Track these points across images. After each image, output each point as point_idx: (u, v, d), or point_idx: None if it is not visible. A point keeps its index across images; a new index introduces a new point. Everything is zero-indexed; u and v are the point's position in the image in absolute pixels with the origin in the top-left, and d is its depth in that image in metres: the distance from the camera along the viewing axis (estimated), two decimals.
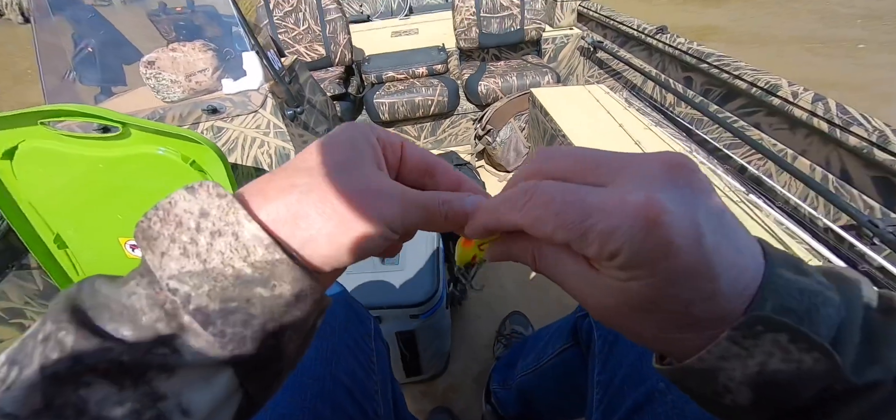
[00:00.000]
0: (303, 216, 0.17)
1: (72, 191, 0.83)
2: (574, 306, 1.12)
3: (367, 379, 0.43)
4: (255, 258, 0.16)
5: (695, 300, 0.16)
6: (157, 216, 0.16)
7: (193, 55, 0.89)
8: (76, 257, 0.94)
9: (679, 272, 0.15)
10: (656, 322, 0.17)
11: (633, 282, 0.16)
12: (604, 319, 0.19)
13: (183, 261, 0.16)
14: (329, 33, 1.82)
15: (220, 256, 0.16)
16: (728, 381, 0.16)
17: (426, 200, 0.20)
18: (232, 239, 0.16)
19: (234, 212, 0.16)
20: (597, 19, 1.83)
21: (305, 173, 0.18)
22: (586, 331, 0.49)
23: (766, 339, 0.15)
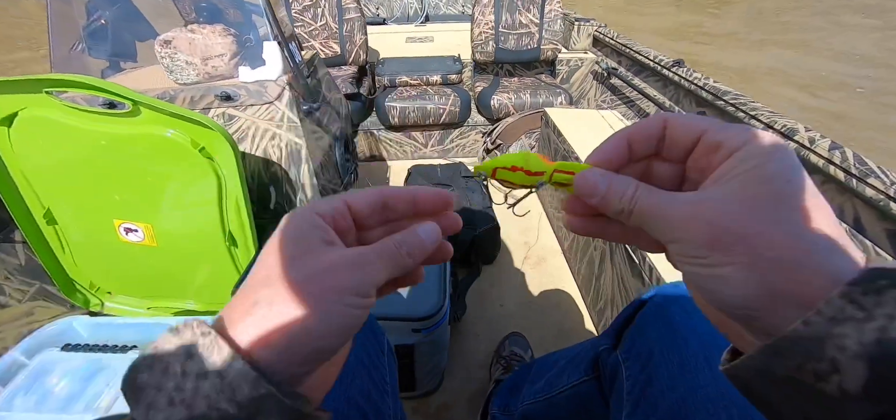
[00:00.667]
0: (271, 328, 0.17)
1: (70, 166, 0.80)
2: (577, 335, 1.10)
3: (381, 400, 0.40)
4: (241, 396, 0.16)
5: (820, 203, 0.16)
6: (145, 363, 0.16)
7: (212, 39, 0.86)
8: (65, 235, 0.90)
9: (803, 170, 0.17)
10: (782, 212, 0.16)
11: (768, 164, 0.17)
12: (713, 220, 0.17)
13: (169, 411, 0.15)
14: (346, 32, 1.81)
15: (205, 401, 0.16)
16: (837, 354, 0.13)
17: (380, 250, 0.21)
18: (217, 380, 0.16)
19: (218, 351, 0.16)
20: (612, 46, 1.84)
21: (262, 285, 0.18)
22: (612, 367, 0.47)
23: (889, 297, 0.13)
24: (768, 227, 0.16)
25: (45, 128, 0.75)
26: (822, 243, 0.15)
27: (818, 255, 0.15)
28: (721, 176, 0.18)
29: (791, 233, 0.16)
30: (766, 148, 0.17)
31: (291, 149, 0.94)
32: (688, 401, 0.37)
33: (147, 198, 0.81)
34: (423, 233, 0.22)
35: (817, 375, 0.14)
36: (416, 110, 1.72)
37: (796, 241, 0.15)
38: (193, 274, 0.92)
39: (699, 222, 0.17)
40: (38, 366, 0.77)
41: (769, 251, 0.16)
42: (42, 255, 0.90)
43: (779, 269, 0.15)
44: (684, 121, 0.20)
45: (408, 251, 0.21)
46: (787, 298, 0.15)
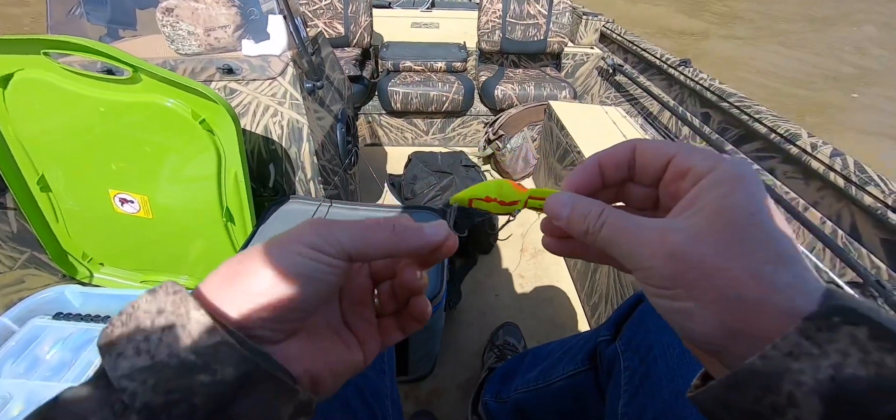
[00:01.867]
0: (234, 286, 0.18)
1: (66, 132, 0.78)
2: (570, 328, 1.11)
3: (378, 379, 0.40)
4: (200, 345, 0.16)
5: (782, 235, 0.16)
6: (120, 320, 0.17)
7: (216, 9, 0.84)
8: (58, 203, 0.89)
9: (767, 200, 0.17)
10: (744, 248, 0.16)
11: (732, 195, 0.17)
12: (676, 254, 0.17)
13: (134, 359, 0.16)
14: (351, 13, 1.78)
15: (167, 349, 0.16)
16: (794, 389, 0.14)
17: (372, 221, 0.21)
18: (180, 330, 0.16)
19: (184, 302, 0.17)
20: (619, 42, 1.83)
21: (249, 255, 0.19)
22: (610, 357, 0.47)
23: (842, 333, 0.14)
24: (730, 262, 0.16)
25: (42, 91, 0.73)
26: (782, 280, 0.15)
27: (779, 292, 0.15)
28: (688, 205, 0.18)
29: (752, 270, 0.16)
30: (732, 177, 0.17)
31: (293, 127, 0.93)
32: (685, 392, 0.37)
33: (144, 168, 0.80)
34: (431, 230, 0.22)
35: (775, 409, 0.14)
36: (419, 96, 1.71)
37: (757, 279, 0.16)
38: (188, 248, 0.92)
39: (663, 254, 0.17)
40: (28, 333, 0.76)
41: (730, 289, 0.16)
42: (34, 223, 0.88)
43: (740, 307, 0.16)
44: (653, 146, 0.21)
45: (401, 234, 0.21)
46: (747, 335, 0.16)
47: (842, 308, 0.14)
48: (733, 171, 0.17)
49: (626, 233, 0.19)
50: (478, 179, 1.52)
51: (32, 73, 0.72)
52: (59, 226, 0.92)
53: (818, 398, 0.14)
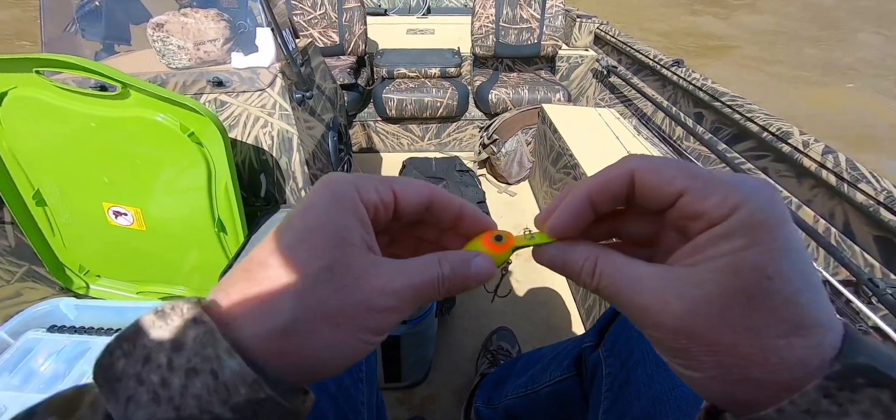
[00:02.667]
0: (288, 350, 0.16)
1: (59, 147, 0.80)
2: (565, 332, 1.11)
3: (353, 388, 0.40)
4: (237, 399, 0.14)
5: (802, 290, 0.14)
6: (121, 350, 0.14)
7: (205, 23, 0.86)
8: (54, 217, 0.90)
9: (794, 243, 0.15)
10: (755, 319, 0.14)
11: (747, 251, 0.15)
12: (679, 327, 0.16)
13: (153, 407, 0.14)
14: (345, 22, 1.79)
15: (196, 401, 0.14)
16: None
17: (420, 286, 0.18)
18: (210, 379, 0.14)
19: (214, 344, 0.14)
20: (613, 44, 1.83)
21: (288, 287, 0.16)
22: (593, 364, 0.47)
23: (865, 395, 0.13)
24: (738, 338, 0.15)
25: (35, 108, 0.75)
26: (794, 355, 0.14)
27: (790, 369, 0.14)
28: (695, 253, 0.16)
29: (762, 345, 0.15)
30: (752, 226, 0.15)
31: (282, 137, 0.94)
32: (664, 398, 0.37)
33: (136, 182, 0.81)
34: (475, 268, 0.19)
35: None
36: (414, 103, 1.72)
37: (766, 355, 0.15)
38: (182, 259, 0.93)
39: (667, 320, 0.16)
40: (23, 346, 0.77)
41: (737, 370, 0.15)
42: (31, 236, 0.90)
43: (747, 383, 0.15)
44: (657, 175, 0.17)
45: (447, 288, 0.18)
46: (756, 404, 0.15)
47: (865, 368, 0.13)
48: (754, 218, 0.15)
49: (625, 289, 0.17)
50: (472, 183, 1.52)
51: (25, 91, 0.74)
52: (55, 239, 0.93)
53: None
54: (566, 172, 1.23)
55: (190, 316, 0.15)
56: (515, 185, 1.69)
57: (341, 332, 0.16)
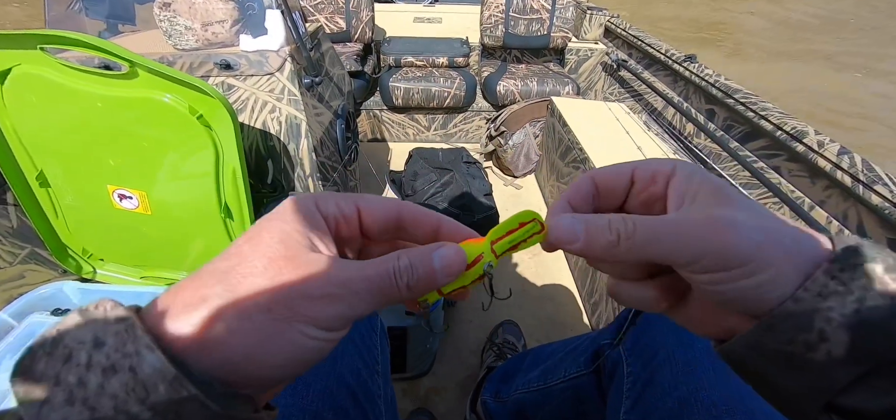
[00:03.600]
0: (213, 338, 0.14)
1: (64, 127, 0.78)
2: (571, 327, 1.10)
3: (370, 380, 0.39)
4: (156, 398, 0.13)
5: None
6: (43, 350, 0.13)
7: (214, 4, 0.84)
8: (58, 198, 0.89)
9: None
10: (755, 208, 0.18)
11: (700, 175, 0.19)
12: (745, 238, 0.17)
13: (66, 409, 0.13)
14: (353, 8, 1.76)
15: (112, 400, 0.13)
16: (825, 325, 0.15)
17: (372, 279, 0.17)
18: (129, 376, 0.13)
19: (134, 340, 0.13)
20: (624, 37, 1.81)
21: (219, 280, 0.15)
22: (613, 362, 0.46)
23: (862, 270, 0.15)
24: (766, 220, 0.17)
25: (39, 86, 0.73)
26: (789, 226, 0.18)
27: (800, 229, 0.17)
28: (679, 198, 0.19)
29: (777, 223, 0.18)
30: (690, 167, 0.20)
31: (291, 123, 0.92)
32: (689, 403, 0.36)
33: (142, 164, 0.80)
34: (440, 260, 0.18)
35: (808, 346, 0.16)
36: (421, 92, 1.69)
37: (785, 225, 0.17)
38: (188, 244, 0.91)
39: (712, 233, 0.17)
40: (27, 329, 0.76)
41: (787, 237, 0.17)
42: (34, 218, 0.89)
43: (798, 250, 0.17)
44: (610, 170, 0.21)
45: (408, 283, 0.17)
46: (810, 271, 0.17)
47: (859, 248, 0.16)
48: (687, 164, 0.20)
49: (664, 230, 0.18)
50: (479, 175, 1.50)
51: (29, 69, 0.72)
52: (58, 221, 0.92)
53: (846, 330, 0.15)
54: (575, 166, 1.22)
55: (114, 314, 0.14)
56: (521, 178, 1.68)
57: (274, 321, 0.15)
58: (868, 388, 0.15)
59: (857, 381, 0.15)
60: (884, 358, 0.15)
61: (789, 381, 0.17)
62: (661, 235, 0.18)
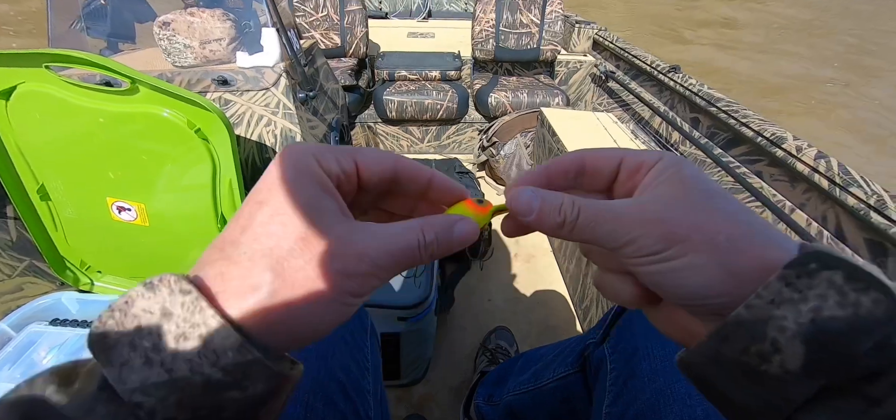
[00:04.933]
0: (273, 318, 0.16)
1: (66, 142, 0.80)
2: (563, 331, 1.12)
3: (361, 376, 0.41)
4: (226, 362, 0.15)
5: (734, 200, 0.18)
6: (113, 320, 0.15)
7: (211, 23, 0.87)
8: (58, 212, 0.90)
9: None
10: (719, 204, 0.18)
11: (682, 166, 0.19)
12: (668, 226, 0.17)
13: (146, 371, 0.15)
14: (347, 24, 1.81)
15: (187, 364, 0.15)
16: (778, 335, 0.14)
17: (399, 254, 0.18)
18: (199, 343, 0.15)
19: (201, 311, 0.15)
20: (611, 49, 1.86)
21: (268, 266, 0.16)
22: (597, 360, 0.48)
23: (820, 278, 0.14)
24: (711, 214, 0.17)
25: (43, 103, 0.76)
26: (757, 224, 0.17)
27: (761, 234, 0.17)
28: (647, 186, 0.19)
29: (730, 219, 0.17)
30: (676, 160, 0.19)
31: (286, 136, 0.95)
32: (666, 392, 0.38)
33: (141, 177, 0.82)
34: (458, 233, 0.20)
35: (761, 357, 0.15)
36: (414, 105, 1.73)
37: (737, 225, 0.17)
38: (185, 255, 0.93)
39: (651, 220, 0.18)
40: (25, 339, 0.77)
41: (720, 235, 0.17)
42: (34, 231, 0.90)
43: (734, 248, 0.16)
44: (602, 152, 0.21)
45: (430, 254, 0.19)
46: (751, 273, 0.16)
47: (818, 254, 0.15)
48: (675, 157, 0.20)
49: (604, 214, 0.19)
50: (471, 185, 1.53)
51: (34, 86, 0.75)
52: (57, 234, 0.93)
53: (800, 341, 0.14)
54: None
55: (177, 287, 0.15)
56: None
57: (321, 299, 0.17)
58: (829, 410, 0.14)
59: (815, 400, 0.14)
60: (842, 375, 0.14)
61: (746, 397, 0.16)
62: (600, 221, 0.19)
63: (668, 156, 0.20)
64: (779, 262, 0.15)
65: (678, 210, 0.18)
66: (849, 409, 0.14)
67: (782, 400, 0.15)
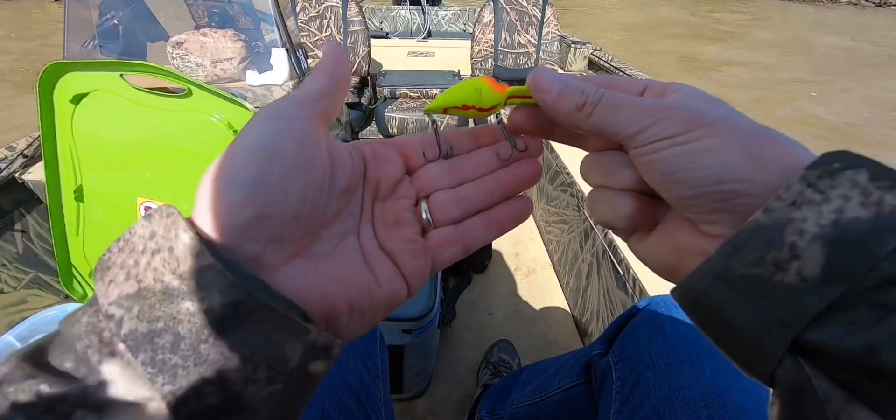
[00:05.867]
0: (219, 180, 0.16)
1: (118, 143, 0.84)
2: (564, 345, 1.13)
3: (372, 384, 0.42)
4: (184, 268, 0.15)
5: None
6: (117, 246, 0.16)
7: (223, 42, 0.90)
8: (87, 213, 0.92)
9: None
10: (740, 115, 0.17)
11: (702, 93, 0.19)
12: (693, 111, 0.17)
13: (124, 285, 0.15)
14: (350, 43, 1.86)
15: (153, 273, 0.15)
16: (797, 238, 0.14)
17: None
18: (167, 253, 0.15)
19: (175, 225, 0.15)
20: (607, 69, 1.91)
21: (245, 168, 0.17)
22: (603, 370, 0.49)
23: (844, 177, 0.14)
24: (735, 115, 0.17)
25: (111, 106, 0.79)
26: (778, 132, 0.17)
27: (784, 137, 0.16)
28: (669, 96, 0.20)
29: (754, 123, 0.17)
30: (694, 90, 0.19)
31: None
32: (671, 400, 0.39)
33: (176, 177, 0.85)
34: None
35: (777, 265, 0.14)
36: (415, 121, 1.77)
37: (762, 127, 0.17)
38: None
39: (675, 107, 0.18)
40: None
41: (745, 127, 0.17)
42: (56, 232, 0.91)
43: (758, 139, 0.16)
44: (626, 79, 0.21)
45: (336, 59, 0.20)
46: (772, 162, 0.16)
47: (842, 154, 0.14)
48: (696, 89, 0.20)
49: (626, 100, 0.19)
50: None
51: (105, 92, 0.78)
52: (77, 239, 0.94)
53: (821, 244, 0.13)
54: (563, 189, 1.28)
55: (166, 211, 0.16)
56: None
57: (252, 136, 0.17)
58: (842, 322, 0.13)
59: (827, 313, 0.13)
60: (861, 281, 0.13)
61: (753, 315, 0.15)
62: (621, 105, 0.19)
63: (689, 86, 0.20)
64: (801, 161, 0.15)
65: (703, 104, 0.18)
66: (864, 319, 0.13)
67: (796, 313, 0.14)
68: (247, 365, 0.15)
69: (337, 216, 0.20)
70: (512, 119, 0.23)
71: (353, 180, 0.21)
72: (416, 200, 0.23)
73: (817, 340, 0.13)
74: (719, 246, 0.16)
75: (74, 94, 0.77)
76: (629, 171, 0.20)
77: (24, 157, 0.97)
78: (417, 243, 0.21)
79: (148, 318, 0.14)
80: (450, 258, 0.22)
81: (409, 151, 0.23)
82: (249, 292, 0.15)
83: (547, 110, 0.21)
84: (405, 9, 2.50)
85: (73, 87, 0.77)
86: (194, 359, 0.14)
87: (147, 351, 0.14)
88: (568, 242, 1.23)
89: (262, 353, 0.15)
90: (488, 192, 0.23)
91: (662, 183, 0.18)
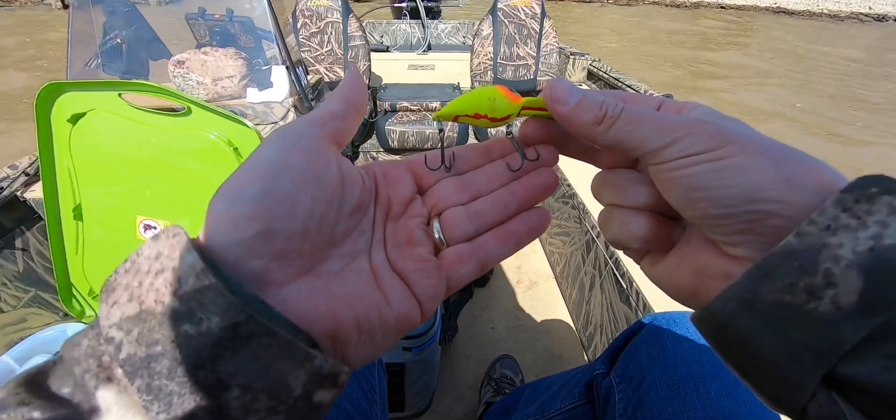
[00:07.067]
0: (217, 210, 0.16)
1: (118, 162, 0.84)
2: (567, 360, 1.11)
3: (369, 410, 0.41)
4: (185, 289, 0.14)
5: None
6: (124, 267, 0.15)
7: (223, 61, 0.91)
8: (86, 232, 0.92)
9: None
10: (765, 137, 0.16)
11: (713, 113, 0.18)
12: (720, 128, 0.16)
13: (126, 306, 0.14)
14: (351, 58, 1.88)
15: (155, 294, 0.14)
16: (832, 265, 0.13)
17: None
18: (170, 274, 0.14)
19: (180, 245, 0.15)
20: (605, 79, 1.92)
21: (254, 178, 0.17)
22: (605, 390, 0.48)
23: (881, 202, 0.13)
24: (761, 136, 0.16)
25: (109, 125, 0.80)
26: (804, 153, 0.16)
27: (814, 159, 0.15)
28: None
29: (777, 142, 0.16)
30: (710, 111, 0.19)
31: None
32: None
33: (175, 195, 0.85)
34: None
35: (810, 292, 0.13)
36: (415, 134, 1.78)
37: (787, 147, 0.16)
38: None
39: (701, 122, 0.17)
40: None
41: (774, 146, 0.16)
42: (55, 251, 0.91)
43: (788, 157, 0.15)
44: (643, 96, 0.21)
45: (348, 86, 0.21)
46: (804, 183, 0.15)
47: (879, 179, 0.13)
48: (712, 109, 0.19)
49: (647, 115, 0.18)
50: None
51: (103, 112, 0.79)
52: (76, 258, 0.94)
53: (857, 271, 0.12)
54: (564, 201, 1.27)
55: (171, 232, 0.15)
56: None
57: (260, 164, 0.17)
58: (880, 355, 0.12)
59: (866, 343, 0.12)
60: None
61: (783, 345, 0.14)
62: (642, 120, 0.18)
63: (704, 107, 0.19)
64: (832, 183, 0.14)
65: (726, 122, 0.17)
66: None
67: (830, 344, 0.13)
68: (246, 393, 0.14)
69: (347, 235, 0.19)
70: (524, 131, 0.23)
71: (363, 199, 0.20)
72: (428, 219, 0.22)
73: (853, 374, 0.13)
74: (747, 270, 0.15)
75: (72, 114, 0.78)
76: (644, 190, 0.19)
77: (26, 175, 0.98)
78: (430, 263, 0.20)
79: (147, 341, 0.14)
80: (465, 276, 0.21)
81: (420, 170, 0.23)
82: (249, 314, 0.14)
83: (563, 123, 0.20)
84: (405, 23, 2.53)
85: (71, 107, 0.78)
86: (191, 386, 0.14)
87: (144, 376, 0.14)
88: (570, 254, 1.22)
89: (263, 380, 0.14)
90: (502, 205, 0.22)
91: (688, 201, 0.17)
